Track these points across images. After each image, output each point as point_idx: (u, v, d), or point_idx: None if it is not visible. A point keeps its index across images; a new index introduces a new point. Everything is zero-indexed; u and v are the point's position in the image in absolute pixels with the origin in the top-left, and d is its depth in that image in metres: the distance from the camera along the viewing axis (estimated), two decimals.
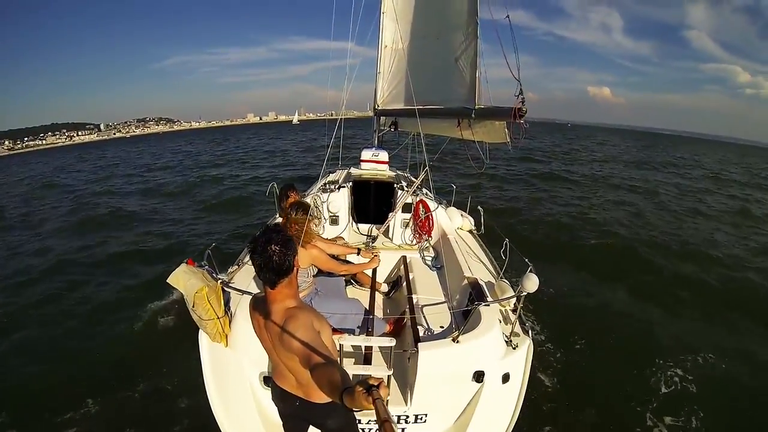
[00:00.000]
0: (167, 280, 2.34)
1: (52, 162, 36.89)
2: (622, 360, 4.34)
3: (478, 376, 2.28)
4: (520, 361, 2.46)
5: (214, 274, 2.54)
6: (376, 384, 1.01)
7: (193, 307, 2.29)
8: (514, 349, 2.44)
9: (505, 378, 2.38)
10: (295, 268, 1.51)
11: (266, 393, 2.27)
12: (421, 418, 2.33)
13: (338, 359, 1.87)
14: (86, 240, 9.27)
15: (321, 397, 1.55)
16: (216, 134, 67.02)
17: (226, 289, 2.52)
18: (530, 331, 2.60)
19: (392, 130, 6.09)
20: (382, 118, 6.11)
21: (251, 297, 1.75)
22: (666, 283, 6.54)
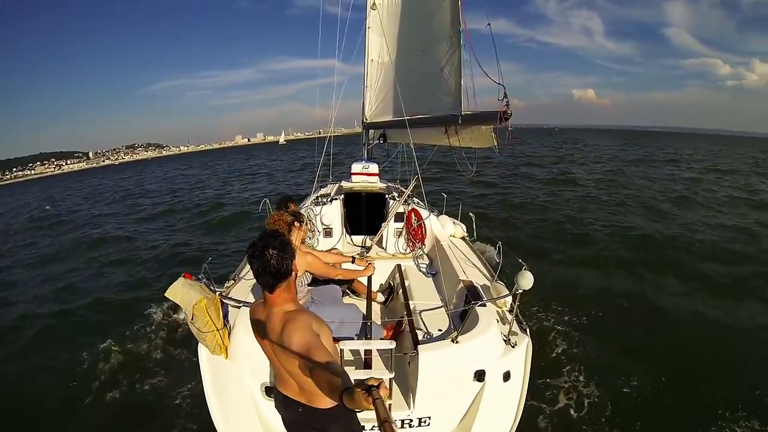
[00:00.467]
0: (165, 294, 2.32)
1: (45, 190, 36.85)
2: (626, 356, 4.34)
3: (479, 375, 2.28)
4: (519, 358, 2.46)
5: (212, 287, 2.53)
6: (375, 384, 1.01)
7: (192, 319, 2.27)
8: (513, 347, 2.45)
9: (506, 376, 2.38)
10: (293, 273, 1.52)
11: (268, 404, 2.24)
12: (424, 421, 2.32)
13: (340, 363, 1.83)
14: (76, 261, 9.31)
15: (323, 403, 1.53)
16: (203, 158, 67.17)
17: (224, 300, 2.51)
18: (528, 330, 2.61)
19: (381, 142, 6.15)
20: (371, 132, 6.19)
21: (251, 303, 1.75)
22: (680, 273, 6.59)
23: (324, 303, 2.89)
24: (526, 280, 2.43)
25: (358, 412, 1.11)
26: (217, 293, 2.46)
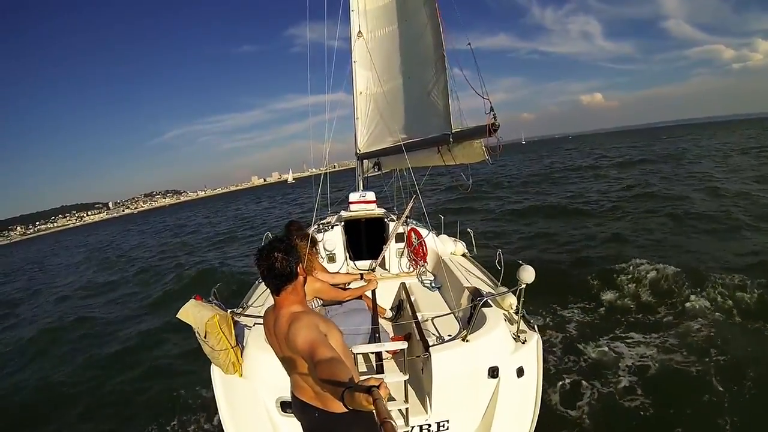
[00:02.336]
0: (177, 316, 2.36)
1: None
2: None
3: (493, 372, 2.27)
4: (531, 354, 2.45)
5: (223, 307, 2.56)
6: (376, 384, 1.02)
7: (205, 337, 2.28)
8: (523, 343, 2.46)
9: (520, 372, 2.37)
10: (299, 276, 1.56)
11: (284, 420, 2.26)
12: (443, 425, 2.30)
13: (354, 369, 1.79)
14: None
15: (338, 407, 1.47)
16: (218, 202, 69.23)
17: (236, 318, 2.53)
18: (536, 327, 2.60)
19: (376, 170, 6.14)
20: (365, 162, 6.17)
21: (265, 310, 1.75)
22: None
23: (340, 317, 2.94)
24: (528, 274, 2.44)
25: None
26: (229, 311, 2.49)
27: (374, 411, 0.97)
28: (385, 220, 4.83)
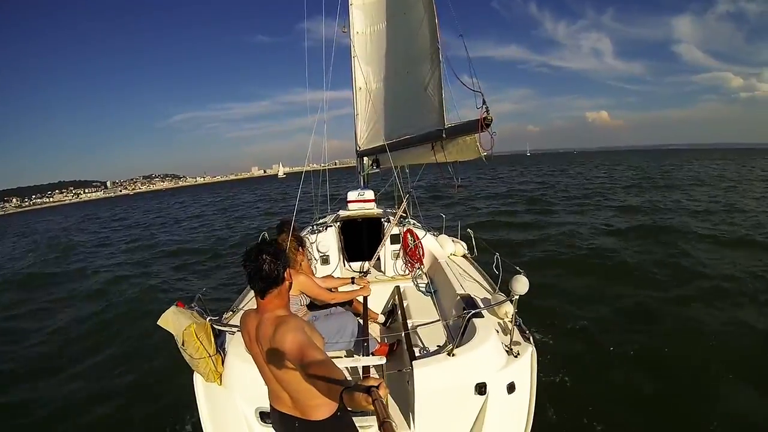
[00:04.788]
0: (157, 323, 2.36)
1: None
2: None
3: (481, 389, 2.16)
4: (524, 369, 2.34)
5: (204, 315, 2.54)
6: (375, 385, 1.01)
7: (183, 345, 2.29)
8: (516, 357, 2.34)
9: (511, 388, 2.25)
10: (286, 282, 1.55)
11: (264, 430, 2.23)
12: None
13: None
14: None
15: (318, 414, 1.51)
16: (214, 190, 68.63)
17: (216, 326, 2.51)
18: (531, 338, 2.50)
19: (375, 168, 6.11)
20: (365, 159, 6.16)
21: (243, 312, 1.74)
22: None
23: (325, 318, 2.94)
24: (521, 285, 2.38)
25: (358, 413, 1.12)
26: (208, 319, 2.47)
27: (374, 411, 0.96)
28: (383, 220, 4.74)
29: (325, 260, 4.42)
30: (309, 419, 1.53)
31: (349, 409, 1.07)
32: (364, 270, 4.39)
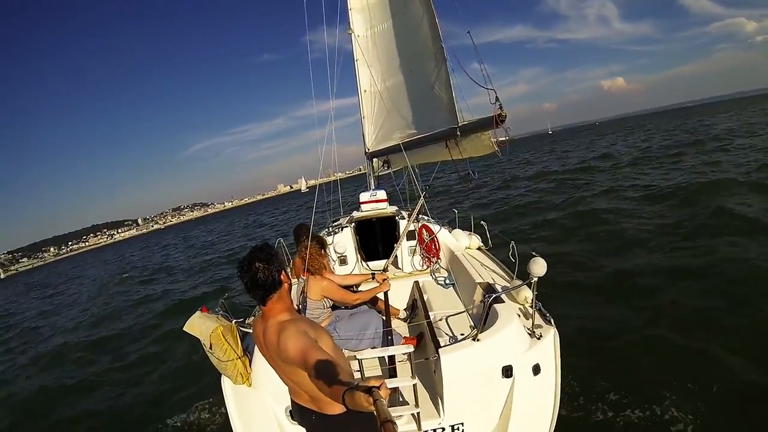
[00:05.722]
0: (183, 329, 2.38)
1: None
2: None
3: (507, 371, 2.19)
4: (548, 350, 2.35)
5: (229, 318, 2.57)
6: (377, 385, 1.02)
7: (211, 348, 2.30)
8: (539, 339, 2.36)
9: (536, 369, 2.27)
10: (283, 284, 1.55)
11: (294, 428, 2.21)
12: (457, 428, 2.22)
13: (351, 371, 1.79)
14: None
15: (333, 409, 1.53)
16: (240, 213, 69.91)
17: (242, 329, 2.53)
18: (552, 321, 2.50)
19: (386, 168, 6.10)
20: (375, 161, 6.15)
21: (253, 320, 1.79)
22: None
23: (349, 318, 2.96)
24: (539, 266, 2.37)
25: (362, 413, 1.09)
26: (233, 321, 2.48)
27: (375, 412, 0.96)
28: (396, 218, 4.77)
29: (343, 260, 4.50)
30: (325, 413, 1.56)
31: (351, 409, 1.06)
32: (384, 268, 4.42)
